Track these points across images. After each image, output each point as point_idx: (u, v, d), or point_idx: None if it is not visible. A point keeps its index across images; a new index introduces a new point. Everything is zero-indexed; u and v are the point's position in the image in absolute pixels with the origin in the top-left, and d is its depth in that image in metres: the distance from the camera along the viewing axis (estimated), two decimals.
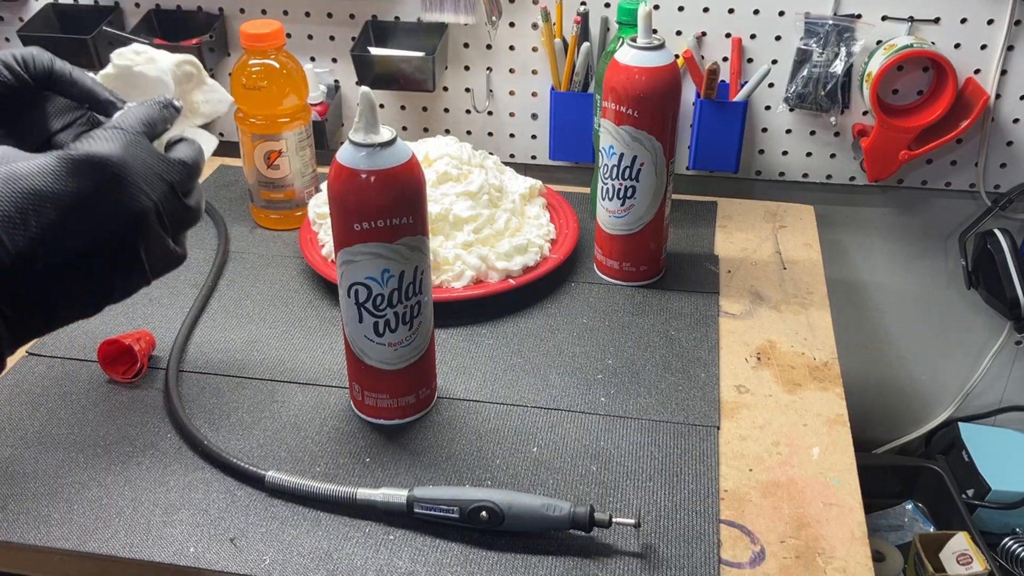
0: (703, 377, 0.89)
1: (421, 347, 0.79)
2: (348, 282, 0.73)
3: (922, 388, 1.40)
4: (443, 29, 1.19)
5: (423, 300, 0.76)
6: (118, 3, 1.27)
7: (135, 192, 0.53)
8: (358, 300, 0.74)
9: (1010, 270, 1.18)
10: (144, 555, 0.70)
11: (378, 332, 0.76)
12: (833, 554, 0.70)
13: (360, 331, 0.76)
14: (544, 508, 0.70)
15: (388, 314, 0.75)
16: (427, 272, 0.75)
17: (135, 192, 0.53)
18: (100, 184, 0.51)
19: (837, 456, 0.80)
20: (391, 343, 0.76)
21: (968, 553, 1.13)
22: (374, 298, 0.73)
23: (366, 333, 0.76)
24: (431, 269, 0.95)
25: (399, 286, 0.73)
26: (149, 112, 0.57)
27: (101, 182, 0.51)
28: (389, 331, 0.76)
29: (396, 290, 0.73)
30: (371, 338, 0.76)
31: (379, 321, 0.75)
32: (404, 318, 0.75)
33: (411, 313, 0.76)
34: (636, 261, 1.02)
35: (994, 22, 1.11)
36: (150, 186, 0.54)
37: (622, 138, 0.95)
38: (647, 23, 0.92)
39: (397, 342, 0.77)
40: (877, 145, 1.15)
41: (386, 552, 0.70)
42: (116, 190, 0.52)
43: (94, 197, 0.51)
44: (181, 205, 0.57)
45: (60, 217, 0.49)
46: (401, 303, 0.74)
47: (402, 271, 0.73)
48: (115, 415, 0.84)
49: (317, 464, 0.78)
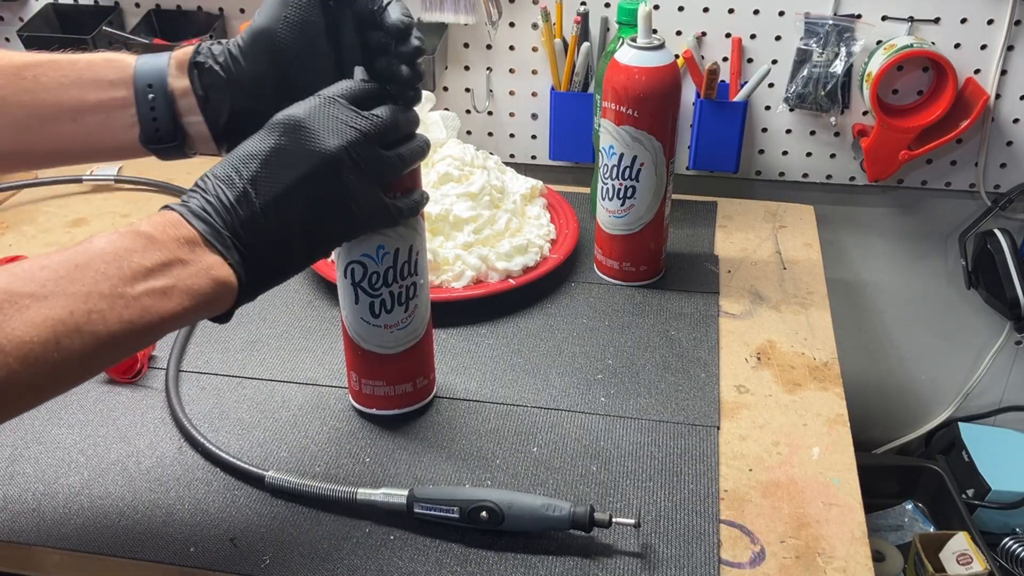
0: (703, 377, 0.89)
1: (417, 332, 0.79)
2: (345, 261, 0.74)
3: (922, 388, 1.40)
4: (443, 29, 1.19)
5: (418, 282, 0.76)
6: (118, 3, 1.27)
7: (321, 138, 0.62)
8: (354, 279, 0.74)
9: (1010, 270, 1.18)
10: (144, 555, 0.70)
11: (374, 313, 0.76)
12: (833, 554, 0.70)
13: (357, 313, 0.76)
14: (544, 508, 0.70)
15: (384, 293, 0.75)
16: (422, 254, 0.76)
17: (321, 138, 0.62)
18: (289, 136, 0.62)
19: (837, 456, 0.80)
20: (387, 324, 0.77)
21: (968, 553, 1.13)
22: (370, 276, 0.74)
23: (362, 315, 0.76)
24: (430, 268, 0.95)
25: (394, 264, 0.74)
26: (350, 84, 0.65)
27: (290, 134, 0.62)
28: (385, 311, 0.76)
29: (391, 268, 0.74)
30: (367, 320, 0.76)
31: (375, 301, 0.75)
32: (400, 298, 0.76)
33: (407, 294, 0.76)
34: (636, 261, 1.02)
35: (994, 22, 1.11)
36: (337, 133, 0.62)
37: (622, 138, 0.95)
38: (647, 23, 0.92)
39: (393, 323, 0.77)
40: (877, 145, 1.15)
41: (386, 552, 0.70)
42: (302, 138, 0.61)
43: (286, 147, 0.61)
44: (375, 152, 0.64)
45: (261, 166, 0.61)
46: (396, 282, 0.75)
47: (397, 248, 0.73)
48: (115, 415, 0.84)
49: (317, 464, 0.78)
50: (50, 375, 0.52)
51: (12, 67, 0.67)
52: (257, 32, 0.67)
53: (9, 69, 0.67)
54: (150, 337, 0.57)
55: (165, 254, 0.57)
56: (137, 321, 0.55)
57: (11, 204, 1.19)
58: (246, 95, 0.67)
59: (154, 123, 0.68)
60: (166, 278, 0.56)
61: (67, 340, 0.52)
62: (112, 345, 0.54)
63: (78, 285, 0.53)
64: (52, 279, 0.52)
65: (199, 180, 0.62)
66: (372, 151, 0.64)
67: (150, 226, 0.58)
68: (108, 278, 0.54)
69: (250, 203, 0.60)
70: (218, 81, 0.67)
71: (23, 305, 0.51)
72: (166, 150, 0.69)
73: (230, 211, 0.60)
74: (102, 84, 0.68)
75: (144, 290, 0.55)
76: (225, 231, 0.60)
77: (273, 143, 0.61)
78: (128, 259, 0.55)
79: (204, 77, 0.67)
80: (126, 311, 0.54)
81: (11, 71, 0.67)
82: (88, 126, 0.68)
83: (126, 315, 0.54)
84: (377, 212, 0.67)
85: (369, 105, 0.65)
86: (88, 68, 0.68)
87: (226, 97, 0.67)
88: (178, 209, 0.60)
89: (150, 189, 1.21)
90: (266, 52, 0.67)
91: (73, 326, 0.52)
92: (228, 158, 0.62)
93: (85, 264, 0.54)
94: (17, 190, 1.20)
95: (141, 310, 0.55)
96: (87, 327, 0.52)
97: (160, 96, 0.67)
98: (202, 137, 0.69)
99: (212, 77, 0.67)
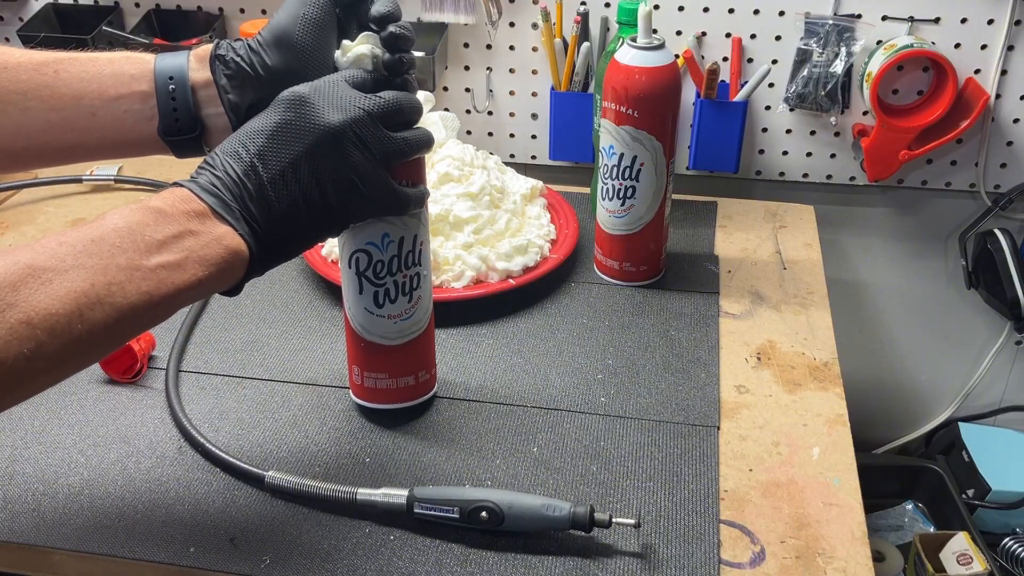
0: (703, 377, 0.89)
1: (420, 324, 0.79)
2: (349, 251, 0.74)
3: (922, 388, 1.40)
4: (443, 29, 1.19)
5: (422, 273, 0.77)
6: (118, 3, 1.27)
7: (323, 112, 0.63)
8: (359, 269, 0.74)
9: (1010, 270, 1.18)
10: (144, 555, 0.70)
11: (378, 303, 0.76)
12: (833, 554, 0.70)
13: (360, 303, 0.76)
14: (544, 508, 0.69)
15: (388, 283, 0.75)
16: (426, 244, 0.76)
17: (323, 112, 0.63)
18: (293, 111, 0.63)
19: (837, 456, 0.80)
20: (391, 315, 0.77)
21: (968, 553, 1.13)
22: (374, 265, 0.74)
23: (366, 305, 0.76)
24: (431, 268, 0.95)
25: (399, 253, 0.74)
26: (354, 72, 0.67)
27: (294, 109, 0.63)
28: (389, 301, 0.76)
29: (396, 257, 0.74)
30: (371, 310, 0.76)
31: (379, 291, 0.75)
32: (404, 288, 0.76)
33: (411, 284, 0.76)
34: (636, 261, 1.02)
35: (994, 22, 1.11)
36: (340, 109, 0.64)
37: (622, 138, 0.95)
38: (647, 23, 0.92)
39: (397, 314, 0.77)
40: (877, 145, 1.15)
41: (386, 552, 0.70)
42: (305, 112, 0.63)
43: (290, 121, 0.63)
44: (379, 131, 0.65)
45: (267, 141, 0.63)
46: (400, 271, 0.75)
47: (402, 237, 0.73)
48: (115, 415, 0.84)
49: (317, 464, 0.78)
50: (75, 348, 0.53)
51: (32, 63, 0.68)
52: (277, 28, 0.69)
53: (29, 65, 0.68)
54: (167, 308, 0.58)
55: (176, 227, 0.58)
56: (154, 292, 0.56)
57: (11, 204, 1.19)
58: (265, 87, 0.69)
59: (174, 113, 0.69)
60: (179, 249, 0.58)
61: (90, 312, 0.53)
62: (132, 316, 0.56)
63: (96, 259, 0.54)
64: (71, 253, 0.54)
65: (207, 157, 0.63)
66: (377, 130, 0.65)
67: (160, 201, 0.59)
68: (124, 251, 0.56)
69: (257, 176, 0.62)
70: (240, 72, 0.69)
71: (46, 279, 0.52)
72: (184, 143, 0.70)
73: (238, 184, 0.62)
74: (122, 78, 0.69)
75: (160, 262, 0.57)
76: (234, 203, 0.61)
77: (279, 118, 0.63)
78: (141, 232, 0.57)
79: (226, 68, 0.69)
80: (144, 283, 0.56)
81: (31, 67, 0.68)
82: (107, 119, 0.69)
83: (144, 286, 0.56)
84: (384, 194, 0.67)
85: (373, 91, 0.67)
86: (108, 64, 0.69)
87: (246, 89, 0.69)
88: (187, 184, 0.61)
89: (150, 189, 1.21)
90: (285, 47, 0.68)
91: (95, 298, 0.53)
92: (235, 134, 0.64)
93: (101, 238, 0.55)
94: (17, 190, 1.20)
95: (158, 281, 0.56)
96: (108, 299, 0.54)
97: (180, 87, 0.69)
98: (220, 129, 0.70)
99: (234, 69, 0.69)
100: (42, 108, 0.68)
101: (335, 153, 0.64)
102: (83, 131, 0.69)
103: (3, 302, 0.50)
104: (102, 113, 0.69)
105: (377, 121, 0.65)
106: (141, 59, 0.70)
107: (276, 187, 0.62)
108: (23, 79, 0.68)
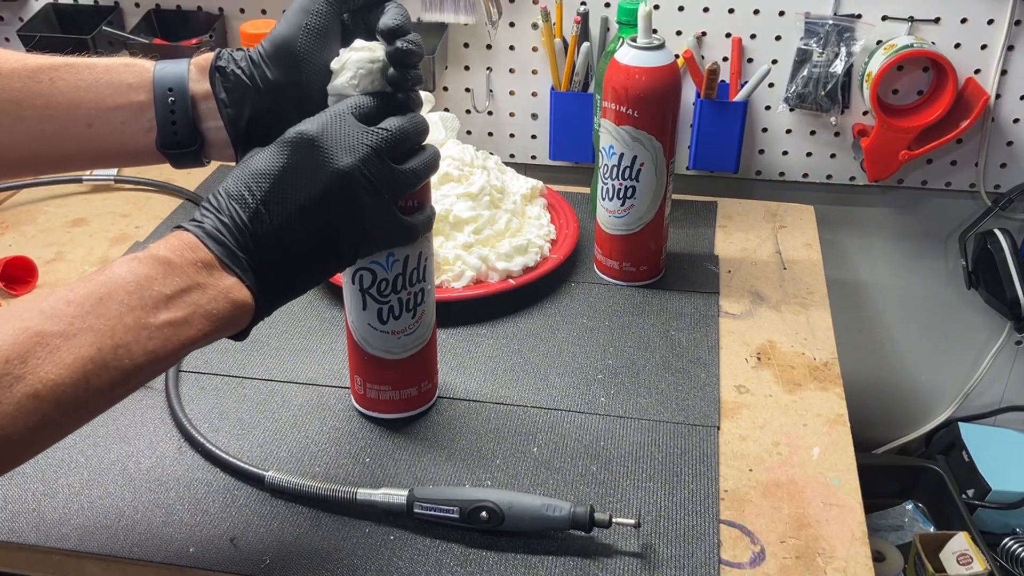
0: (703, 377, 0.89)
1: (424, 337, 0.79)
2: (353, 268, 0.74)
3: (922, 388, 1.40)
4: (443, 29, 1.19)
5: (426, 288, 0.76)
6: (118, 3, 1.27)
7: (333, 154, 0.61)
8: (363, 286, 0.74)
9: (1010, 270, 1.18)
10: (144, 555, 0.70)
11: (382, 319, 0.76)
12: (833, 554, 0.70)
13: (364, 319, 0.76)
14: (544, 508, 0.70)
15: (392, 300, 0.75)
16: (431, 260, 0.76)
17: (333, 154, 0.61)
18: (301, 153, 0.61)
19: (837, 456, 0.80)
20: (395, 331, 0.76)
21: (968, 553, 1.13)
22: (379, 283, 0.74)
23: (370, 321, 0.76)
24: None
25: (403, 271, 0.73)
26: (358, 101, 0.65)
27: (302, 151, 0.61)
28: (393, 318, 0.76)
29: (400, 275, 0.73)
30: (375, 326, 0.76)
31: (383, 308, 0.75)
32: (408, 305, 0.75)
33: (415, 300, 0.76)
34: (636, 261, 1.02)
35: (994, 22, 1.11)
36: (349, 150, 0.62)
37: (622, 138, 0.95)
38: (647, 23, 0.92)
39: (400, 330, 0.77)
40: (877, 145, 1.15)
41: (386, 552, 0.70)
42: (315, 155, 0.61)
43: (298, 164, 0.61)
44: (387, 168, 0.63)
45: (273, 185, 0.60)
46: (405, 289, 0.74)
47: (407, 255, 0.73)
48: (115, 415, 0.84)
49: (317, 464, 0.78)
50: (77, 413, 0.53)
51: (27, 70, 0.67)
52: (278, 39, 0.67)
53: (24, 72, 0.66)
54: (171, 363, 0.57)
55: (184, 280, 0.57)
56: (160, 350, 0.55)
57: (11, 204, 1.19)
58: (266, 100, 0.67)
59: (172, 127, 0.67)
60: (186, 305, 0.57)
61: (95, 377, 0.52)
62: (136, 375, 0.55)
63: (103, 320, 0.53)
64: (79, 315, 0.53)
65: (211, 197, 0.62)
66: (385, 167, 0.63)
67: (167, 250, 0.58)
68: (131, 310, 0.54)
69: (264, 223, 0.60)
70: (240, 86, 0.67)
71: (54, 347, 0.51)
72: (182, 156, 0.69)
73: (244, 231, 0.60)
74: (120, 88, 0.67)
75: (167, 319, 0.56)
76: (240, 252, 0.60)
77: (285, 161, 0.61)
78: (149, 288, 0.56)
79: (226, 81, 0.67)
80: (150, 342, 0.55)
81: (26, 74, 0.66)
82: (104, 130, 0.67)
83: (150, 346, 0.55)
84: (392, 229, 0.67)
85: (377, 118, 0.64)
86: (106, 72, 0.67)
87: (247, 102, 0.67)
88: (193, 230, 0.60)
89: (150, 189, 1.21)
90: (287, 59, 0.66)
91: (101, 363, 0.52)
92: (239, 173, 0.62)
93: (108, 296, 0.54)
94: (17, 190, 1.20)
95: (164, 339, 0.56)
96: (114, 362, 0.53)
97: (180, 100, 0.67)
98: (219, 143, 0.69)
99: (234, 81, 0.67)
100: (37, 118, 0.66)
101: (345, 198, 0.62)
102: (79, 141, 0.68)
103: (11, 376, 0.49)
104: (99, 124, 0.67)
105: (385, 157, 0.63)
106: (140, 67, 0.68)
107: (283, 235, 0.61)
108: (17, 87, 0.66)
